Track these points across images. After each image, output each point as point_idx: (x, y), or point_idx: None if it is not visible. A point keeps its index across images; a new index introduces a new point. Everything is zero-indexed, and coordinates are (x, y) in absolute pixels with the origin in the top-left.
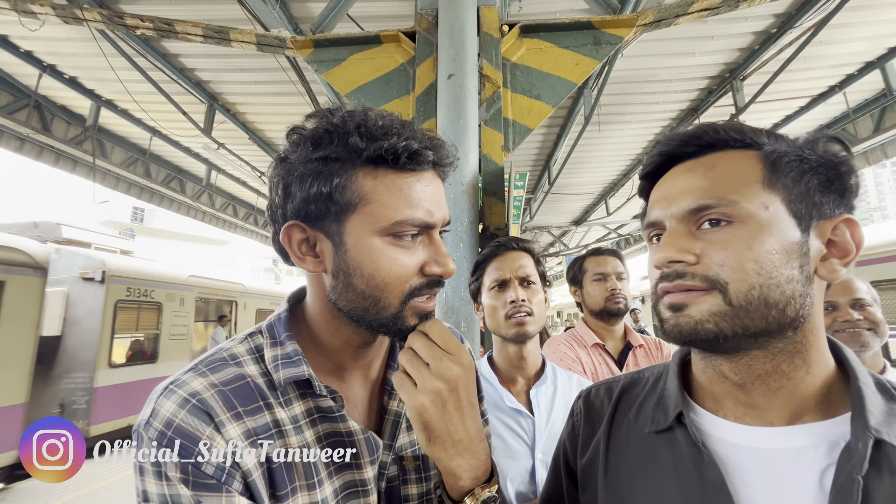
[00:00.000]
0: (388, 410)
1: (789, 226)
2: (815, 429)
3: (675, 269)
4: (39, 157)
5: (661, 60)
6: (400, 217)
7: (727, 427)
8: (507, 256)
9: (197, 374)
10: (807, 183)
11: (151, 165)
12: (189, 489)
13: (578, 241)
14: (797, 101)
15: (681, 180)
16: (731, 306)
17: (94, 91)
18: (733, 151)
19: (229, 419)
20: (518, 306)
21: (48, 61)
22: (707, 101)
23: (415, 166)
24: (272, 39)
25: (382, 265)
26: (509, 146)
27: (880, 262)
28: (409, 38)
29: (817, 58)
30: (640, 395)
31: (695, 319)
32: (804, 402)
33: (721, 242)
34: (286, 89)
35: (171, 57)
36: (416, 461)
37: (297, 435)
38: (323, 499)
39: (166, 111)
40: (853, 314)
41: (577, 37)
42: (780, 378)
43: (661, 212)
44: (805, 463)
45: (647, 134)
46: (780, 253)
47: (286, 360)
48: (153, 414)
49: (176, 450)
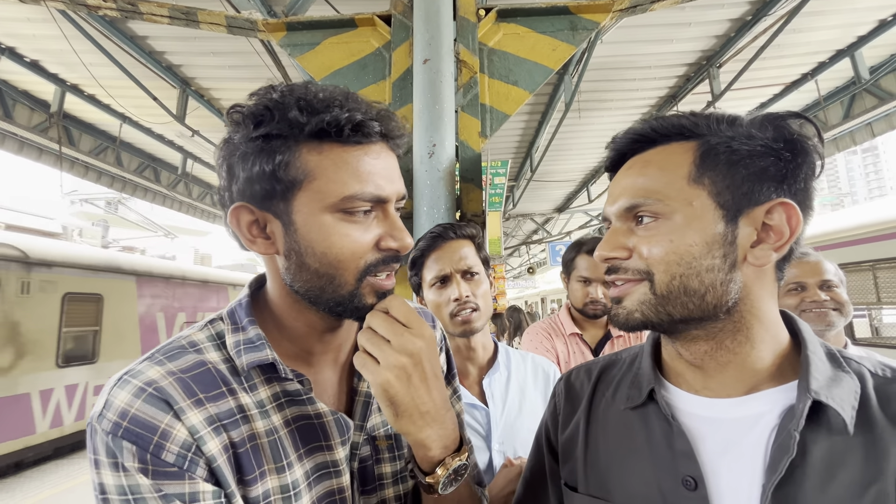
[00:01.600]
0: (359, 392)
1: (713, 218)
2: (769, 395)
3: (612, 264)
4: (2, 144)
5: (640, 47)
6: (348, 192)
7: (692, 400)
8: (446, 248)
9: (153, 362)
10: (737, 173)
11: (123, 154)
12: (149, 478)
13: (561, 228)
14: (771, 88)
15: (622, 178)
16: (655, 295)
17: (57, 75)
18: (673, 145)
19: (189, 406)
20: (462, 304)
21: (7, 43)
22: (685, 88)
23: (361, 138)
24: (243, 22)
25: (334, 242)
26: (487, 132)
27: (847, 245)
28: (384, 22)
29: (790, 45)
30: (617, 374)
31: (627, 310)
32: (757, 373)
33: (648, 237)
34: (261, 74)
35: (139, 39)
36: (388, 440)
37: (263, 419)
38: (293, 481)
39: (136, 97)
40: (820, 295)
41: (553, 22)
42: (726, 353)
43: (607, 209)
44: (760, 427)
45: (626, 121)
46: (701, 245)
47: (249, 345)
48: (107, 405)
49: (132, 440)
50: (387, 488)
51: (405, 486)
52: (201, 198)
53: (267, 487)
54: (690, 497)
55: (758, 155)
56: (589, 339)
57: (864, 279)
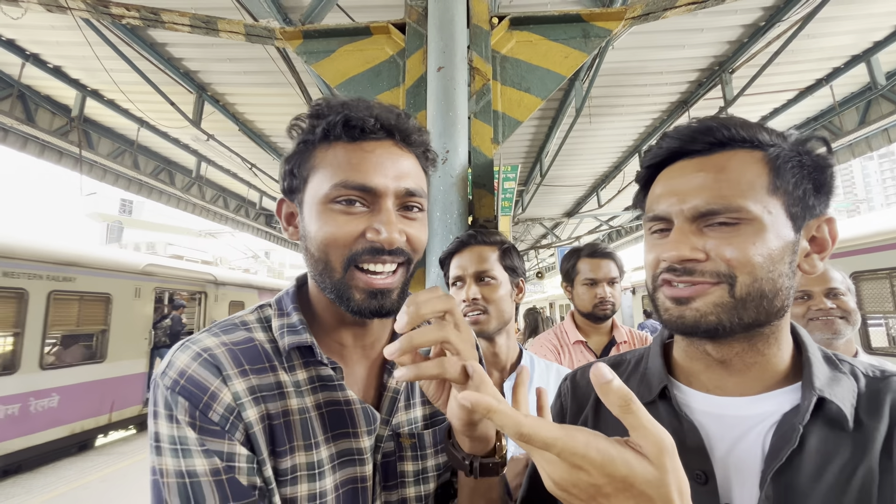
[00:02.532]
0: (387, 387)
1: (786, 226)
2: (777, 395)
3: (686, 266)
4: (24, 148)
5: (652, 53)
6: (337, 180)
7: (703, 398)
8: (467, 252)
9: (211, 334)
10: (804, 187)
11: (139, 157)
12: (195, 433)
13: (570, 233)
14: (785, 93)
15: (691, 178)
16: (733, 298)
17: (79, 81)
18: (741, 152)
19: (236, 374)
20: (469, 306)
21: (32, 50)
22: (697, 93)
23: (358, 135)
24: (261, 30)
25: (325, 227)
26: (499, 139)
27: (864, 252)
28: (398, 30)
29: (804, 51)
30: (623, 374)
31: (700, 312)
32: (774, 374)
33: (729, 241)
34: (276, 80)
35: (159, 46)
36: (412, 439)
37: (297, 398)
38: (319, 460)
39: (154, 101)
40: (827, 303)
41: (566, 29)
42: (756, 355)
43: (669, 207)
44: (764, 423)
45: (637, 126)
46: (778, 251)
47: (291, 328)
48: (169, 365)
49: (186, 396)
50: (408, 486)
51: (426, 486)
52: (214, 200)
53: (295, 462)
54: (701, 491)
55: (815, 169)
56: (593, 345)
57: (881, 287)
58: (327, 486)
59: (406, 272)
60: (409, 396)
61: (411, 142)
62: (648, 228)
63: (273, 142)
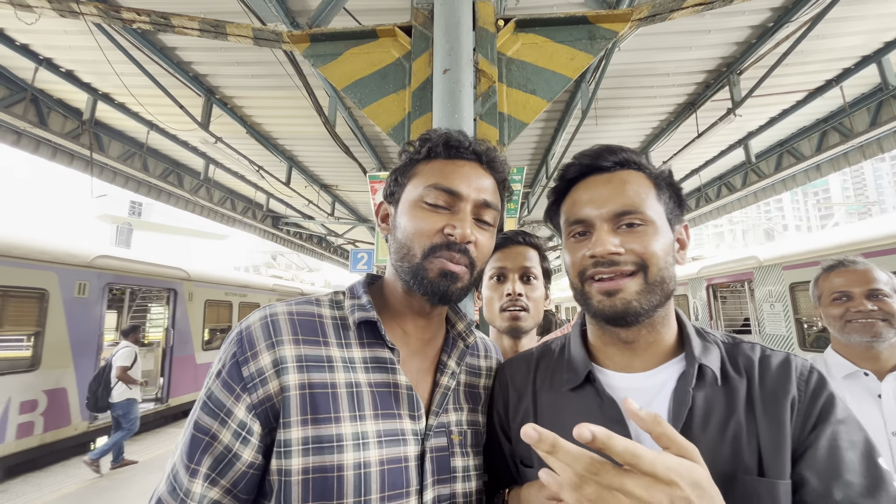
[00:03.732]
0: (439, 384)
1: (667, 228)
2: (668, 367)
3: (611, 258)
4: (36, 151)
5: (659, 54)
6: (429, 182)
7: (618, 377)
8: (511, 250)
9: (286, 304)
10: (671, 199)
11: (149, 159)
12: (218, 380)
13: None
14: (794, 95)
15: (604, 189)
16: (647, 284)
17: (90, 84)
18: (634, 172)
19: (289, 341)
20: (514, 300)
21: (44, 54)
22: (704, 95)
23: (451, 154)
24: (269, 34)
25: (413, 221)
26: (504, 140)
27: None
28: (405, 33)
29: (814, 52)
30: (550, 363)
31: (626, 300)
32: (665, 350)
33: (637, 238)
34: (283, 83)
35: (168, 50)
36: (460, 436)
37: (346, 373)
38: (363, 432)
39: (163, 105)
40: (867, 304)
41: (572, 31)
42: (654, 335)
43: (590, 211)
44: (666, 390)
45: (644, 128)
46: (668, 246)
47: (361, 308)
48: (245, 320)
49: (239, 344)
50: (457, 482)
51: (470, 484)
52: (222, 202)
53: (341, 431)
54: None
55: (673, 189)
56: None
57: None
58: (371, 458)
59: (470, 275)
60: (457, 400)
61: (494, 167)
62: (569, 233)
63: (280, 144)
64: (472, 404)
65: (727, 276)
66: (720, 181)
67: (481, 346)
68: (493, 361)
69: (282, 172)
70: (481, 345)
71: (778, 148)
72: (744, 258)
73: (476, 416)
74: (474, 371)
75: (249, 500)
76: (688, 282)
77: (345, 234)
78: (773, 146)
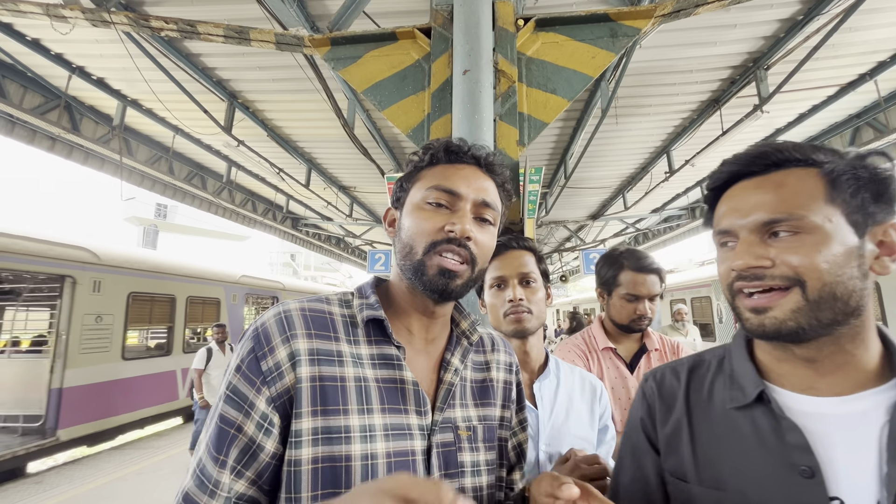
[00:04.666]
0: (443, 381)
1: (848, 233)
2: (873, 394)
3: (754, 272)
4: (70, 156)
5: (681, 51)
6: (430, 184)
7: (799, 399)
8: (508, 255)
9: (298, 301)
10: (861, 196)
11: (174, 163)
12: (239, 374)
13: (595, 236)
14: (824, 90)
15: (752, 195)
16: (807, 301)
17: (120, 91)
18: (796, 170)
19: (302, 335)
20: (516, 305)
21: (77, 63)
22: (729, 91)
23: (451, 158)
24: (290, 38)
25: (415, 221)
26: (524, 141)
27: None
28: (424, 35)
29: (846, 45)
30: (707, 375)
31: (779, 319)
32: (865, 374)
33: (793, 248)
34: (303, 86)
35: (193, 57)
36: (468, 431)
37: (355, 368)
38: (371, 425)
39: (188, 110)
40: None
41: (593, 29)
42: (844, 355)
43: (734, 221)
44: (869, 422)
45: (665, 126)
46: (843, 255)
47: (369, 306)
48: (261, 317)
49: (256, 339)
50: (465, 476)
51: (479, 479)
52: (243, 204)
53: (349, 423)
54: (808, 484)
55: (874, 181)
56: (623, 353)
57: None
58: (378, 450)
59: (471, 271)
60: (463, 396)
61: (493, 171)
62: (718, 242)
63: (300, 146)
64: (482, 399)
65: None
66: None
67: (487, 340)
68: (501, 354)
69: (301, 174)
70: (488, 340)
71: None
72: None
73: (490, 410)
74: (480, 366)
75: (272, 492)
76: (711, 283)
77: (362, 234)
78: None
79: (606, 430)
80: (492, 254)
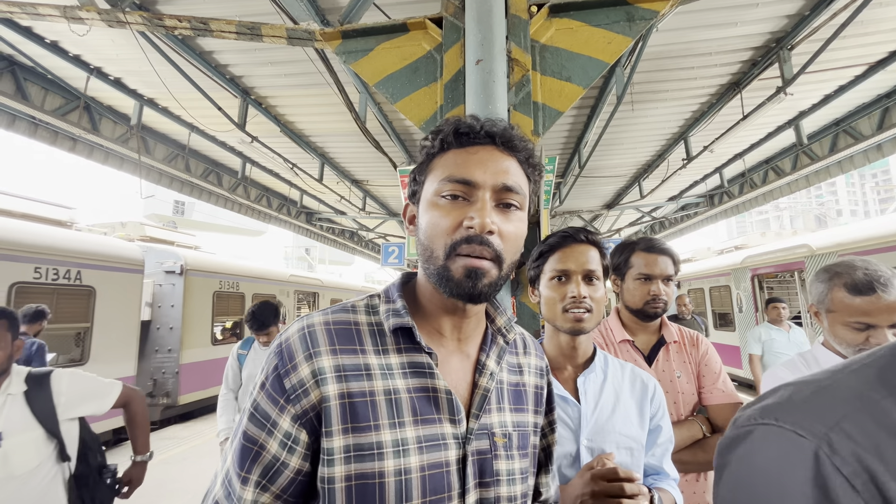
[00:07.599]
0: (479, 385)
1: None
2: None
3: None
4: (90, 155)
5: (700, 33)
6: (443, 176)
7: None
8: (575, 249)
9: (322, 313)
10: None
11: (191, 160)
12: (263, 392)
13: (610, 226)
14: (852, 69)
15: None
16: None
17: (136, 91)
18: None
19: (327, 351)
20: (578, 302)
21: (95, 64)
22: (751, 73)
23: (465, 141)
24: (302, 33)
25: (431, 219)
26: (539, 130)
27: None
28: (435, 25)
29: (875, 21)
30: None
31: None
32: None
33: None
34: (315, 80)
35: (206, 54)
36: (504, 438)
37: (384, 380)
38: (403, 438)
39: (203, 107)
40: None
41: (608, 14)
42: None
43: None
44: None
45: (683, 112)
46: None
47: (395, 313)
48: (287, 329)
49: (279, 356)
50: (501, 485)
51: (514, 488)
52: (258, 199)
53: (381, 439)
54: None
55: None
56: (641, 345)
57: None
58: (412, 465)
59: (497, 269)
60: (499, 400)
61: (513, 147)
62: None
63: (312, 141)
64: (517, 404)
65: (775, 266)
66: (767, 165)
67: (520, 342)
68: (532, 357)
69: (314, 169)
70: (520, 341)
71: (833, 128)
72: (794, 246)
73: (523, 416)
74: (514, 369)
75: (300, 502)
76: (731, 272)
77: (375, 228)
78: (828, 126)
79: (659, 431)
80: (523, 243)
